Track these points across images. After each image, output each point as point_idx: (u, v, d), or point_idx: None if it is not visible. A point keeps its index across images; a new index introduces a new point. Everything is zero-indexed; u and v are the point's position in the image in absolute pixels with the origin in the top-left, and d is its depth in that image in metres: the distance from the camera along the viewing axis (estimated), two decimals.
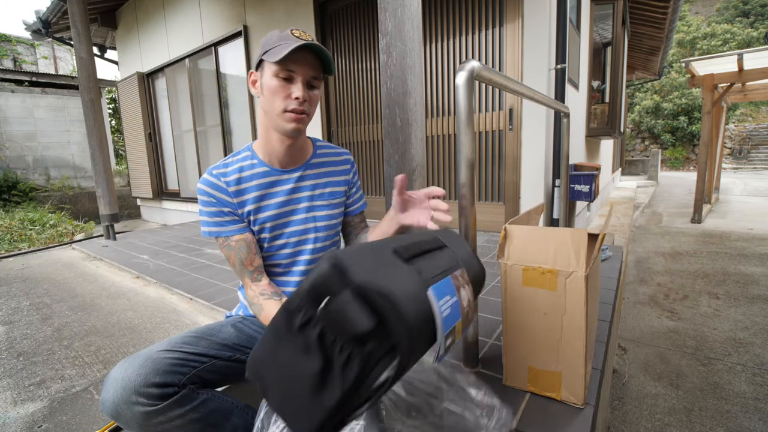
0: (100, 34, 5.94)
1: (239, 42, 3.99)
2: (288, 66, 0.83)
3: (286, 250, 0.97)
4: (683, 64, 5.23)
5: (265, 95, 0.86)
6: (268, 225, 0.94)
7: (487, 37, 2.61)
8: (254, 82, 0.91)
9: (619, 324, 2.48)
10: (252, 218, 0.93)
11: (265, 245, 0.96)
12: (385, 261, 0.54)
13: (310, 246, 0.99)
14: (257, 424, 0.73)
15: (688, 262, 3.84)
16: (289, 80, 0.84)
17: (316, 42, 0.84)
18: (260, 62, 0.87)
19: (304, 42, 0.81)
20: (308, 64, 0.85)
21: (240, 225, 0.92)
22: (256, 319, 1.01)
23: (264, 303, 0.90)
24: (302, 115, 0.87)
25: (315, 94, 0.89)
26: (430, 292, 0.52)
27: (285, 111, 0.85)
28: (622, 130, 5.42)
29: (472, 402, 0.75)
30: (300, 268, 0.99)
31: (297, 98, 0.84)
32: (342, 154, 1.06)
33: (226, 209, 0.91)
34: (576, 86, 3.16)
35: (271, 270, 1.00)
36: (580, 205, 3.35)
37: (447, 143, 2.91)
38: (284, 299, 0.91)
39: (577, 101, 3.25)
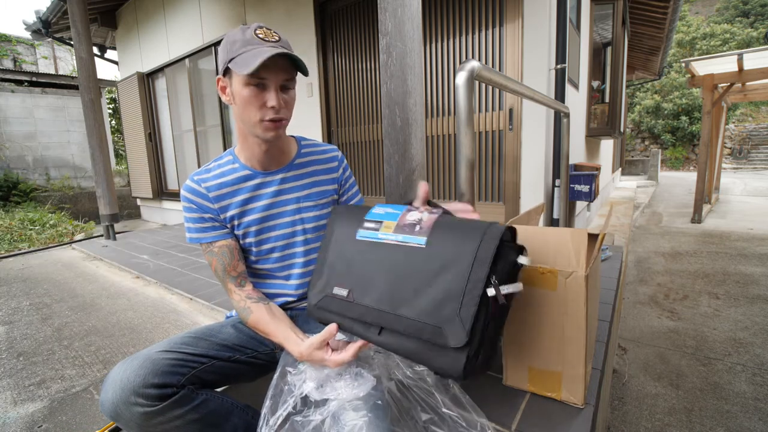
0: (100, 34, 5.94)
1: None
2: (259, 74, 0.78)
3: (275, 254, 0.95)
4: (683, 64, 5.23)
5: (239, 105, 0.82)
6: (252, 229, 0.92)
7: (487, 37, 2.61)
8: (223, 89, 0.86)
9: (619, 324, 2.48)
10: (236, 223, 0.91)
11: (254, 249, 0.94)
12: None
13: (300, 248, 0.96)
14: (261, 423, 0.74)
15: (688, 262, 3.84)
16: (261, 87, 0.80)
17: (284, 48, 0.79)
18: (227, 68, 0.82)
19: (273, 52, 0.76)
20: (279, 68, 0.80)
21: (222, 231, 0.91)
22: None
23: (253, 306, 0.88)
24: (280, 122, 0.84)
25: (291, 95, 0.85)
26: (377, 205, 0.84)
27: (262, 120, 0.82)
28: (622, 130, 5.42)
29: (459, 419, 0.76)
30: (296, 270, 0.97)
31: (273, 107, 0.81)
32: (328, 152, 1.03)
33: (207, 215, 0.89)
34: (576, 86, 3.16)
35: (266, 275, 0.99)
36: (580, 205, 3.35)
37: (447, 143, 2.90)
38: (271, 305, 0.91)
39: (577, 101, 3.25)
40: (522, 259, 0.72)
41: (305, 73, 0.84)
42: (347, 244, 0.80)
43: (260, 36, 0.79)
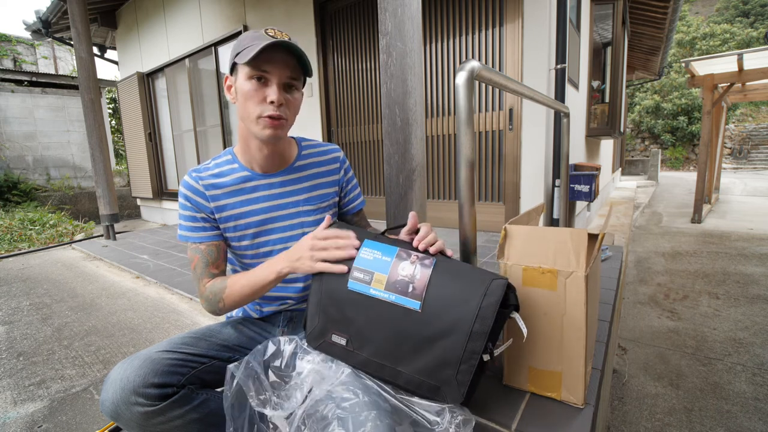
0: (100, 34, 5.94)
1: None
2: (261, 66, 0.77)
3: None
4: (683, 64, 5.23)
5: (239, 100, 0.81)
6: (249, 232, 0.90)
7: (487, 37, 2.61)
8: (229, 88, 0.85)
9: (619, 324, 2.48)
10: (231, 224, 0.89)
11: (249, 253, 0.92)
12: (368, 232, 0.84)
13: None
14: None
15: (688, 262, 3.84)
16: (263, 83, 0.79)
17: (288, 40, 0.79)
18: (234, 65, 0.81)
19: (275, 40, 0.75)
20: (283, 64, 0.79)
21: (213, 232, 0.89)
22: (257, 320, 1.01)
23: (221, 277, 0.87)
24: (279, 121, 0.80)
25: (294, 97, 0.84)
26: (365, 243, 0.77)
27: (260, 117, 0.80)
28: (622, 130, 5.41)
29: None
30: (294, 274, 0.97)
31: (272, 102, 0.78)
32: (330, 152, 1.00)
33: (200, 215, 0.87)
34: (576, 86, 3.16)
35: None
36: (580, 205, 3.35)
37: (447, 143, 2.90)
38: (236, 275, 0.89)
39: (577, 101, 3.25)
40: (514, 315, 0.75)
41: (309, 71, 0.84)
42: (339, 290, 0.76)
43: (270, 34, 0.78)
